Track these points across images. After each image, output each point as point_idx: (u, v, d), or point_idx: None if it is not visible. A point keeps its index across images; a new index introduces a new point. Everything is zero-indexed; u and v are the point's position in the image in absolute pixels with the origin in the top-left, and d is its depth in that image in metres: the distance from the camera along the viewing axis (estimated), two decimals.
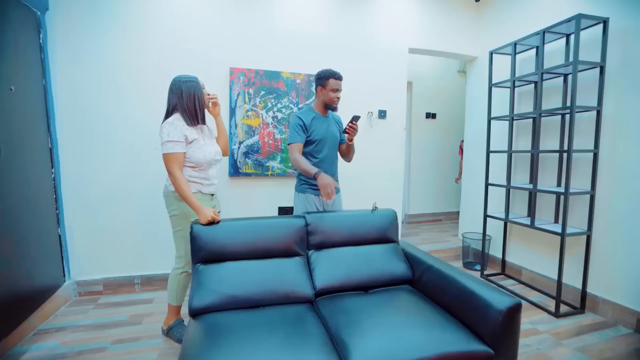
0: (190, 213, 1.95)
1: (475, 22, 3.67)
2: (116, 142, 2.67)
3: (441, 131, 5.08)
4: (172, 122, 1.87)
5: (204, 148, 1.96)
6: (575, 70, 2.38)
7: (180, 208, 1.97)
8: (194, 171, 1.97)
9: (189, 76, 1.97)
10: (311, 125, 2.24)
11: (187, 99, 1.92)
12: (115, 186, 2.69)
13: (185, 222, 1.98)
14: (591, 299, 2.55)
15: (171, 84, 1.96)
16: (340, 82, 2.23)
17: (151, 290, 2.81)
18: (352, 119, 2.16)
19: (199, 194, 1.98)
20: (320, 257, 1.97)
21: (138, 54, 2.66)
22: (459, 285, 1.67)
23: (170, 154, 1.85)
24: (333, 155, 2.35)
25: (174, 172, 1.85)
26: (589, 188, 2.55)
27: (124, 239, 2.75)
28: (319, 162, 2.27)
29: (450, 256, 3.69)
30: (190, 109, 1.93)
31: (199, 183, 1.99)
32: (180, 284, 2.07)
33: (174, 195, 1.96)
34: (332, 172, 2.34)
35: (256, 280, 1.75)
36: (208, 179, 2.02)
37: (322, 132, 2.26)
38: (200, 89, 1.97)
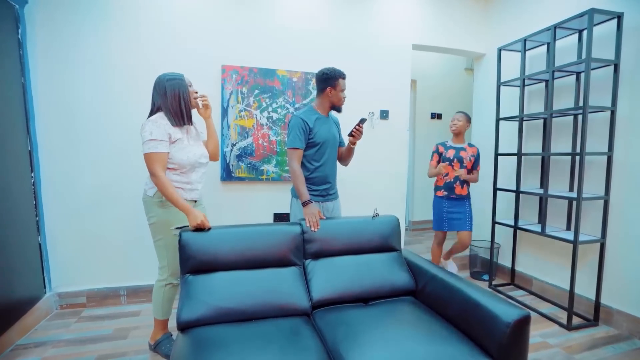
0: (172, 220, 1.94)
1: (482, 17, 3.70)
2: (103, 144, 2.69)
3: (447, 132, 5.07)
4: (156, 120, 1.87)
5: (187, 149, 1.96)
6: (588, 68, 2.41)
7: (159, 215, 1.95)
8: (174, 174, 1.96)
9: (173, 74, 1.97)
10: (314, 127, 2.25)
11: (172, 99, 1.92)
12: (101, 191, 2.70)
13: (165, 230, 1.96)
14: (605, 311, 2.57)
15: (155, 83, 1.96)
16: (346, 82, 2.32)
17: (138, 302, 2.81)
18: (360, 121, 2.18)
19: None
20: (317, 266, 1.98)
21: (125, 49, 2.68)
22: (464, 296, 1.68)
23: (152, 154, 1.83)
24: (334, 158, 2.40)
25: (156, 173, 1.84)
26: (602, 193, 2.57)
27: (109, 247, 2.76)
28: (321, 167, 2.29)
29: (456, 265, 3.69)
30: (174, 108, 1.92)
31: (181, 188, 1.97)
32: (165, 296, 2.06)
33: (152, 201, 1.95)
34: (333, 176, 2.39)
35: (249, 292, 1.76)
36: (190, 183, 2.01)
37: (324, 134, 2.28)
38: (185, 87, 1.96)
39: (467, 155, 3.04)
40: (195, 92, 2.05)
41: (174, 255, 1.96)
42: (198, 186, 2.07)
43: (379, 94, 3.38)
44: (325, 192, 2.35)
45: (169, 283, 2.04)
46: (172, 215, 1.94)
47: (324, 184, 2.34)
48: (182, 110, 1.94)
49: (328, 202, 2.37)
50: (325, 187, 2.34)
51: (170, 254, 2.00)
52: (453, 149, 3.07)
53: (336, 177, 2.45)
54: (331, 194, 2.39)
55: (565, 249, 2.83)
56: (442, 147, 3.12)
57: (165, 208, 1.94)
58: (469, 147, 3.08)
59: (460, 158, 3.04)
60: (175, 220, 1.95)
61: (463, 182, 3.04)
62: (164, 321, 2.12)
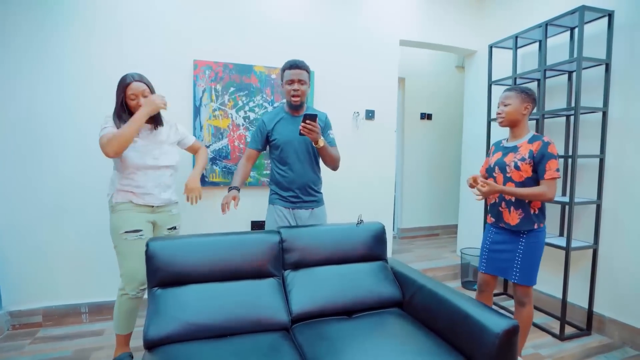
0: (120, 225, 2.03)
1: (473, 12, 3.83)
2: (58, 149, 2.65)
3: (438, 134, 5.22)
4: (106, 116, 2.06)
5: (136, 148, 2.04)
6: (580, 67, 2.53)
7: (111, 221, 2.08)
8: (121, 175, 2.06)
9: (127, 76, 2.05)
10: (275, 127, 2.30)
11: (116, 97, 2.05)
12: (58, 200, 2.66)
13: (116, 235, 2.05)
14: (598, 319, 2.68)
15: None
16: (298, 71, 2.20)
17: (101, 320, 2.77)
18: (304, 117, 2.03)
19: (129, 204, 2.06)
20: (297, 277, 2.01)
21: (85, 43, 2.65)
22: (452, 307, 1.73)
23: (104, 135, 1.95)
24: (305, 161, 2.31)
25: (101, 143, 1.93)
26: (595, 197, 2.68)
27: (69, 260, 2.72)
28: (288, 170, 2.29)
29: (447, 275, 3.78)
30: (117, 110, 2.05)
31: (131, 192, 2.06)
32: (121, 308, 2.09)
33: (109, 207, 2.10)
34: (303, 182, 2.31)
35: (223, 306, 1.76)
36: (141, 187, 2.06)
37: (286, 135, 2.27)
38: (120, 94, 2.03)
39: (517, 157, 2.08)
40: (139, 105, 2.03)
41: (127, 264, 2.05)
42: (154, 191, 2.10)
43: (365, 92, 3.44)
44: (293, 199, 2.32)
45: (125, 293, 2.08)
46: (120, 219, 2.04)
47: (289, 191, 2.31)
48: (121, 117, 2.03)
49: (301, 210, 2.34)
50: (290, 193, 2.31)
51: (122, 261, 2.06)
52: (500, 151, 2.22)
53: (319, 182, 2.42)
54: (305, 202, 2.35)
55: (558, 255, 2.92)
56: (493, 148, 2.34)
57: (115, 213, 2.06)
58: (528, 143, 2.08)
59: (502, 164, 2.16)
60: (123, 223, 2.03)
61: (516, 204, 2.10)
62: (123, 337, 2.14)
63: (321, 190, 2.47)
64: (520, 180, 2.06)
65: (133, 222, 2.05)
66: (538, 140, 2.05)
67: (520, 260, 2.10)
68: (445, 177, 5.27)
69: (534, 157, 2.02)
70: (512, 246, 2.14)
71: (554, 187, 1.99)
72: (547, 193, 1.97)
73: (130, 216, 2.05)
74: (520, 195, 2.02)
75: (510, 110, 2.10)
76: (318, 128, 2.05)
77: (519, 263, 2.10)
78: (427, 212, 5.26)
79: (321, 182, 2.46)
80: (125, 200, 2.05)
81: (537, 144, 2.03)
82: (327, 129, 2.36)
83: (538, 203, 2.07)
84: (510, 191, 2.03)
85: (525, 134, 2.14)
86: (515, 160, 2.07)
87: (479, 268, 2.34)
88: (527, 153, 2.04)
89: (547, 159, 1.99)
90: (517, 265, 2.11)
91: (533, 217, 2.07)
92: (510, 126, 2.17)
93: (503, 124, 2.16)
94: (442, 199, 5.30)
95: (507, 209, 2.13)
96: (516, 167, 2.06)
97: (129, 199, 2.05)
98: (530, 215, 2.07)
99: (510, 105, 2.11)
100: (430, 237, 5.18)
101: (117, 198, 2.06)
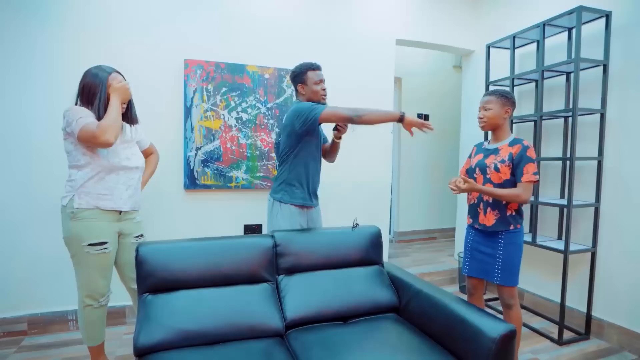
0: (83, 235, 1.91)
1: (471, 11, 3.88)
2: (46, 150, 2.64)
3: (435, 135, 5.23)
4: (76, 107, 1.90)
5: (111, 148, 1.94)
6: (577, 68, 2.58)
7: (70, 228, 1.92)
8: (86, 177, 1.91)
9: (102, 67, 1.98)
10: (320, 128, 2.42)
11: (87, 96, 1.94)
12: (44, 202, 2.66)
13: (77, 246, 1.92)
14: (596, 324, 2.73)
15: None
16: (320, 72, 2.35)
17: None
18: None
19: (96, 210, 1.93)
20: (291, 282, 2.03)
21: (73, 42, 2.65)
22: (448, 312, 1.76)
23: (85, 125, 1.80)
24: (319, 160, 2.47)
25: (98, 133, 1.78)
26: (593, 200, 2.73)
27: (54, 266, 2.70)
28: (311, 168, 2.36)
29: (444, 279, 3.82)
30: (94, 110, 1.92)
31: (98, 195, 1.93)
32: (87, 319, 2.01)
33: (64, 212, 1.93)
34: (318, 182, 2.45)
35: (215, 312, 1.78)
36: (109, 189, 1.95)
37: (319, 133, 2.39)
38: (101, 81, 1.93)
39: (497, 159, 2.16)
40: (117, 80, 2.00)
41: (86, 277, 1.96)
42: (120, 194, 2.00)
43: (360, 92, 3.47)
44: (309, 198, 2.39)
45: (88, 305, 1.99)
46: (83, 229, 1.91)
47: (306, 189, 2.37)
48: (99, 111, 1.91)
49: (311, 209, 2.42)
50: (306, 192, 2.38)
51: (81, 273, 1.97)
52: (482, 153, 2.30)
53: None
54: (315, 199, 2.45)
55: (557, 259, 2.97)
56: (474, 149, 2.42)
57: (76, 220, 1.90)
58: (509, 146, 2.16)
59: (482, 166, 2.23)
60: (88, 234, 1.92)
61: (493, 205, 2.17)
62: (94, 348, 2.08)
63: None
64: (499, 182, 2.13)
65: (98, 233, 1.93)
66: (518, 143, 2.13)
67: (501, 262, 2.17)
68: (443, 179, 5.30)
69: (513, 159, 2.11)
70: (492, 248, 2.21)
71: (530, 190, 2.08)
72: (521, 195, 2.05)
73: (95, 226, 1.93)
74: (496, 195, 2.10)
75: (491, 115, 2.18)
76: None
77: (500, 265, 2.17)
78: (424, 215, 5.30)
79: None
80: (90, 206, 1.91)
81: (517, 147, 2.12)
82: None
83: (515, 204, 2.14)
84: (487, 191, 2.11)
85: (507, 137, 2.22)
86: (496, 162, 2.15)
87: (463, 271, 2.40)
88: (507, 155, 2.13)
89: (525, 162, 2.07)
90: (499, 267, 2.17)
91: (509, 218, 2.14)
92: (491, 130, 2.25)
93: (485, 128, 2.24)
94: (439, 201, 5.34)
95: (484, 209, 2.21)
96: (496, 169, 2.14)
97: (95, 205, 1.92)
98: (507, 217, 2.14)
99: (491, 110, 2.18)
100: (427, 241, 5.22)
101: (79, 203, 1.90)
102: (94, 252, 1.93)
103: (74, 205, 1.90)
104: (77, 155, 1.90)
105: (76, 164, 1.92)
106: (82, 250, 1.92)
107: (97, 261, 1.95)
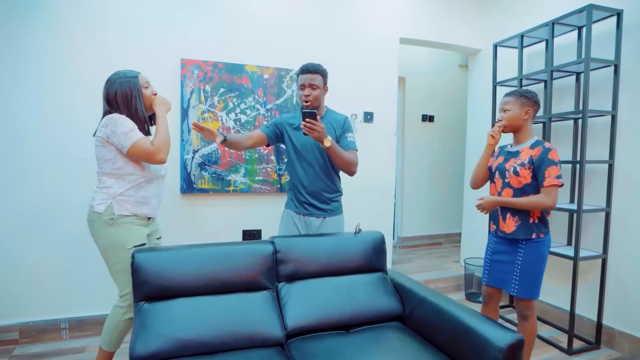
0: (126, 239, 1.96)
1: (478, 8, 3.90)
2: (36, 153, 2.66)
3: (440, 137, 5.28)
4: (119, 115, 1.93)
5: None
6: (587, 68, 2.60)
7: (111, 235, 1.96)
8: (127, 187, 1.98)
9: (126, 72, 2.01)
10: (290, 130, 2.41)
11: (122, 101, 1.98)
12: (35, 207, 2.67)
13: (121, 251, 1.96)
14: (607, 332, 2.74)
15: (106, 83, 2.01)
16: (310, 75, 2.29)
17: (83, 337, 2.78)
18: (303, 115, 2.08)
19: (133, 217, 2.00)
20: (292, 290, 2.04)
21: (66, 40, 2.67)
22: (454, 320, 1.77)
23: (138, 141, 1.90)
24: (317, 167, 2.39)
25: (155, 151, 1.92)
26: (604, 204, 2.75)
27: (47, 273, 2.72)
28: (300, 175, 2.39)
29: (450, 286, 3.83)
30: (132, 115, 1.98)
31: (135, 203, 2.00)
32: (119, 327, 2.05)
33: (100, 219, 1.95)
34: (316, 190, 2.39)
35: (214, 321, 1.79)
36: (145, 197, 2.05)
37: (300, 139, 2.36)
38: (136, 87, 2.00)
39: (517, 162, 2.13)
40: (154, 93, 2.10)
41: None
42: (153, 201, 2.11)
43: (363, 93, 3.49)
44: (305, 205, 2.42)
45: (127, 313, 2.02)
46: (125, 233, 1.97)
47: (301, 196, 2.42)
48: (133, 115, 1.98)
49: (312, 218, 2.42)
50: (302, 199, 2.42)
51: (128, 279, 1.96)
52: (503, 156, 2.26)
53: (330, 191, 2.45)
54: (318, 209, 2.41)
55: (567, 266, 2.98)
56: (498, 151, 2.37)
57: (116, 226, 1.96)
58: (530, 148, 2.12)
59: (502, 169, 2.20)
60: (130, 238, 1.97)
61: (513, 211, 2.14)
62: (109, 354, 2.10)
63: (338, 200, 2.52)
64: (519, 187, 2.10)
65: (139, 235, 2.01)
66: (539, 145, 2.10)
67: (519, 272, 2.13)
68: (448, 183, 5.32)
69: (533, 162, 2.07)
70: (511, 257, 2.18)
71: (555, 195, 2.02)
72: (546, 201, 2.02)
73: (135, 229, 2.00)
74: (517, 205, 2.07)
75: (511, 116, 2.16)
76: (320, 127, 2.06)
77: (518, 275, 2.14)
78: (429, 220, 5.31)
79: (338, 191, 2.53)
80: (129, 213, 1.98)
81: (538, 150, 2.08)
82: (346, 131, 2.42)
83: (538, 212, 2.11)
84: (506, 202, 2.10)
85: (529, 139, 2.18)
86: (515, 165, 2.12)
87: (482, 279, 2.37)
88: (527, 158, 2.09)
89: (546, 165, 2.02)
90: (516, 278, 2.14)
91: (532, 226, 2.10)
92: (512, 132, 2.23)
93: (505, 130, 2.21)
94: (444, 206, 5.35)
95: (503, 216, 2.18)
96: (515, 173, 2.11)
97: (133, 212, 1.99)
98: (529, 224, 2.11)
99: (510, 111, 2.16)
100: (433, 247, 5.23)
101: (120, 210, 1.96)
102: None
103: (113, 212, 1.95)
104: (118, 163, 1.96)
105: (115, 172, 1.97)
106: (127, 255, 1.94)
107: None
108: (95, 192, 2.00)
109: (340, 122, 2.43)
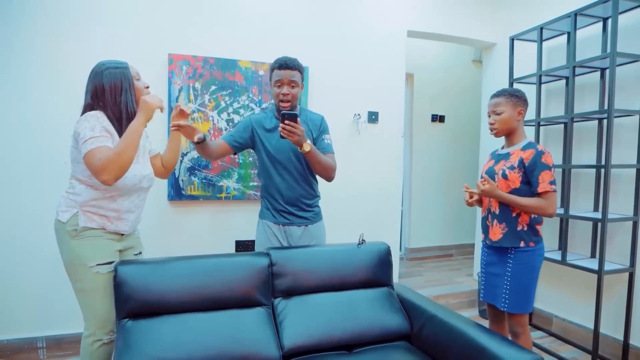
0: (89, 254, 1.84)
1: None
2: (13, 165, 2.67)
3: (451, 138, 5.28)
4: (97, 115, 1.80)
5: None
6: (613, 64, 2.60)
7: (72, 249, 1.84)
8: (100, 197, 1.86)
9: (116, 62, 1.92)
10: (263, 134, 2.37)
11: (110, 94, 1.86)
12: (8, 218, 2.68)
13: (82, 269, 1.84)
14: (635, 353, 2.73)
15: (91, 73, 1.91)
16: (289, 72, 2.25)
17: (61, 356, 2.78)
18: (282, 117, 2.05)
19: (101, 230, 1.87)
20: (289, 306, 2.05)
21: (44, 34, 2.69)
22: (466, 339, 1.78)
23: (95, 149, 1.71)
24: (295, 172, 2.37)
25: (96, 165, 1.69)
26: (631, 213, 2.75)
27: (23, 288, 2.72)
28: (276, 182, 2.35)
29: (462, 302, 3.83)
30: (113, 109, 1.86)
31: (104, 216, 1.87)
32: (93, 356, 1.93)
33: (64, 230, 1.85)
34: (295, 197, 2.38)
35: (204, 340, 1.79)
36: (118, 211, 1.91)
37: (275, 142, 2.33)
38: (127, 78, 1.90)
39: (506, 165, 2.18)
40: (146, 86, 2.02)
41: (97, 304, 1.88)
42: (129, 216, 1.97)
43: (367, 91, 3.50)
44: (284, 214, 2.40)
45: (98, 339, 1.90)
46: (89, 248, 1.85)
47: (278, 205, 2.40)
48: (121, 110, 1.88)
49: (292, 227, 2.41)
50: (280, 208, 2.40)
51: (90, 301, 1.88)
52: (494, 159, 2.34)
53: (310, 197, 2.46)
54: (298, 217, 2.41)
55: (590, 280, 2.98)
56: (489, 156, 2.45)
57: (79, 239, 1.84)
58: (521, 150, 2.16)
59: (491, 173, 2.27)
60: (94, 254, 1.85)
61: (500, 217, 2.18)
62: None
63: (317, 205, 2.53)
64: (508, 192, 2.13)
65: (107, 251, 1.88)
66: (531, 148, 2.12)
67: (509, 285, 2.15)
68: (460, 189, 5.26)
69: (524, 166, 2.10)
70: (501, 268, 2.21)
71: (554, 202, 2.06)
72: (547, 208, 2.05)
73: (101, 244, 1.87)
74: (519, 205, 2.08)
75: (504, 119, 2.19)
76: (300, 130, 2.06)
77: (508, 288, 2.15)
78: (439, 230, 5.31)
79: (317, 196, 2.52)
80: (97, 226, 1.85)
81: (530, 152, 2.10)
82: (323, 133, 2.42)
83: (526, 218, 2.13)
84: (508, 199, 2.09)
85: (521, 141, 2.22)
86: (504, 168, 2.16)
87: (479, 296, 2.35)
88: (517, 161, 2.12)
89: (540, 169, 2.05)
90: (506, 291, 2.16)
91: (521, 233, 2.13)
92: (506, 135, 2.26)
93: (498, 134, 2.25)
94: (456, 214, 5.35)
95: (491, 222, 2.22)
96: (504, 176, 2.14)
97: (102, 225, 1.87)
98: (516, 231, 2.14)
99: (503, 113, 2.19)
100: (443, 259, 5.23)
101: (86, 222, 1.83)
102: (104, 271, 1.86)
103: (78, 222, 1.83)
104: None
105: (86, 179, 1.85)
106: (89, 273, 1.84)
107: (107, 282, 1.87)
108: (62, 197, 1.91)
109: (317, 122, 2.43)
